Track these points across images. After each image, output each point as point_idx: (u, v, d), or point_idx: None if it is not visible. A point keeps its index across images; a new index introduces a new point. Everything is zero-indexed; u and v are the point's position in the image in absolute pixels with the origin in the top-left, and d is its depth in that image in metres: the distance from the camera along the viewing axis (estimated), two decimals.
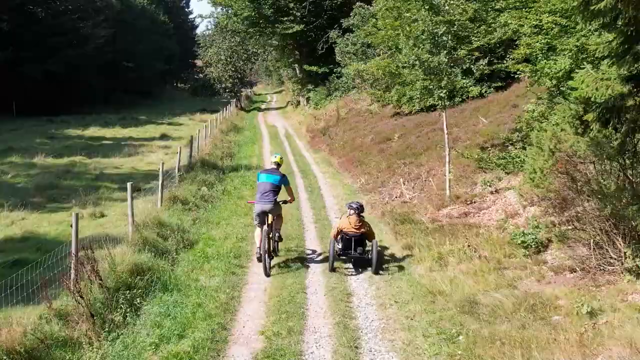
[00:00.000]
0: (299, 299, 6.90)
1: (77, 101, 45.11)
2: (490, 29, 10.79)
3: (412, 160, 14.17)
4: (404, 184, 12.99)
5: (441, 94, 11.31)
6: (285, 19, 31.08)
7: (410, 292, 7.12)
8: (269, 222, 8.12)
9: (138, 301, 6.87)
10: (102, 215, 12.08)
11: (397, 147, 15.87)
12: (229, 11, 33.42)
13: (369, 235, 8.25)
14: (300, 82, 35.80)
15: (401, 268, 8.02)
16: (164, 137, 27.27)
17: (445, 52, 10.86)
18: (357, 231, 8.10)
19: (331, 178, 15.47)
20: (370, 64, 21.33)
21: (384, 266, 8.19)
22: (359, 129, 20.76)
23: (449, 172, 11.31)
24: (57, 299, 6.75)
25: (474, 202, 10.74)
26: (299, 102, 38.68)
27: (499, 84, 17.30)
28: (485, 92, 17.09)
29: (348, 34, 26.95)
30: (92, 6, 48.81)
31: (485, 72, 12.86)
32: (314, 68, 31.68)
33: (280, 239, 8.75)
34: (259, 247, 7.96)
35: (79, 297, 6.23)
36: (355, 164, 16.00)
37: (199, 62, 62.47)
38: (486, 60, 11.47)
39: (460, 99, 18.04)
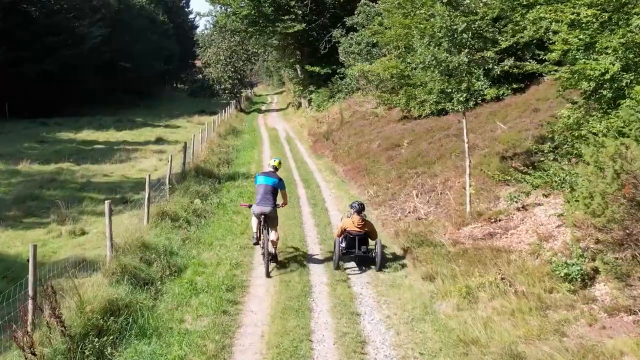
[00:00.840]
0: (304, 349, 5.69)
1: (76, 102, 44.21)
2: (517, 27, 9.57)
3: (424, 170, 12.96)
4: (417, 196, 11.79)
5: (461, 98, 10.14)
6: (286, 17, 29.84)
7: (437, 339, 5.91)
8: (265, 224, 8.26)
9: (109, 351, 5.68)
10: (83, 233, 10.90)
11: (407, 154, 14.65)
12: (228, 9, 32.19)
13: (371, 234, 8.53)
14: (301, 83, 34.55)
15: (423, 305, 6.81)
16: (159, 141, 26.15)
17: (466, 51, 9.68)
18: (361, 230, 8.37)
19: (336, 189, 14.24)
20: (376, 65, 20.16)
21: (403, 304, 7.01)
22: (365, 133, 19.54)
23: (470, 186, 10.10)
24: (10, 349, 5.59)
25: (499, 221, 9.53)
26: (300, 104, 37.47)
27: (517, 85, 16.05)
28: (502, 94, 15.81)
29: (352, 33, 25.74)
30: (89, 5, 47.72)
31: (505, 72, 11.72)
32: (316, 68, 30.46)
33: (276, 259, 8.50)
34: (255, 233, 8.46)
35: (30, 355, 5.04)
36: (362, 173, 14.78)
37: (199, 63, 61.25)
38: (512, 61, 10.25)
39: (474, 102, 16.87)
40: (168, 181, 12.75)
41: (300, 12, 30.14)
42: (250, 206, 8.59)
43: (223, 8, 33.39)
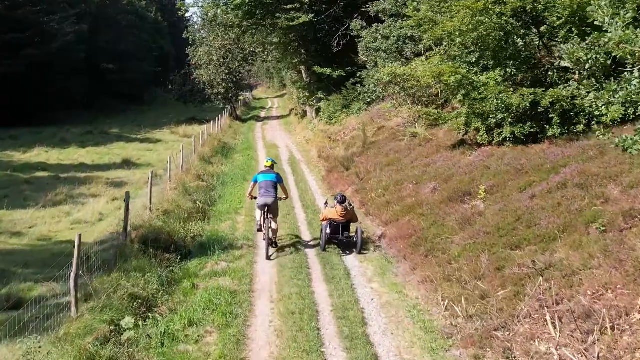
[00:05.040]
0: None
1: (53, 108, 38.59)
2: None
3: (546, 259, 7.03)
4: (556, 327, 5.89)
5: None
6: (289, 7, 23.87)
7: None
8: (267, 213, 9.55)
9: None
10: None
11: (493, 216, 8.72)
12: None
13: (353, 219, 9.82)
14: (307, 89, 28.53)
15: None
16: (125, 164, 20.27)
17: None
18: (343, 219, 9.59)
19: (380, 284, 8.21)
20: (419, 67, 14.28)
21: None
22: (403, 164, 13.59)
23: None
24: None
25: None
26: (305, 113, 31.57)
27: None
28: (633, 114, 9.91)
29: (376, 24, 19.82)
30: None
31: None
32: (326, 70, 24.51)
33: (276, 244, 9.89)
34: (259, 221, 9.88)
35: None
36: (420, 248, 8.86)
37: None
38: None
39: (583, 127, 11.06)
40: (73, 281, 6.82)
41: (307, 0, 24.18)
42: (255, 198, 9.83)
43: None
